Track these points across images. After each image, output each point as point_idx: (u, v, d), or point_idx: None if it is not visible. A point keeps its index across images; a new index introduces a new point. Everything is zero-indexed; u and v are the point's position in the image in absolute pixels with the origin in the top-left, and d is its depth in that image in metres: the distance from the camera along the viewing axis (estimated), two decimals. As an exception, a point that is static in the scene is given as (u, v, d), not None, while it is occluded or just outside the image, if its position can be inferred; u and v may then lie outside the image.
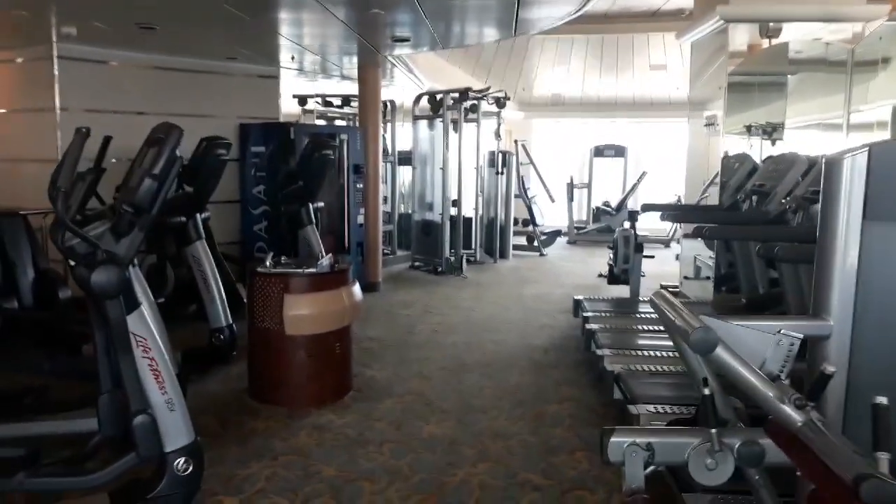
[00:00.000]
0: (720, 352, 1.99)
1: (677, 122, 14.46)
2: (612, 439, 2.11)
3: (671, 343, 2.51)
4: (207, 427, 4.27)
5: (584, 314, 6.08)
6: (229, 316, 5.44)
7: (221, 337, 5.41)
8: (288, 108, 10.95)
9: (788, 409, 1.84)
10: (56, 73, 6.67)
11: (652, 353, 4.95)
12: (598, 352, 4.93)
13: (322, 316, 4.64)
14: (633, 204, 13.69)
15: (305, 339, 4.65)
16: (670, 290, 8.73)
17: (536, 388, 5.09)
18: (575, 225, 13.64)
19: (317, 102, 11.14)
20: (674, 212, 6.32)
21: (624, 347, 5.08)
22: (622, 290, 7.80)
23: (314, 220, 6.58)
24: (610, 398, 4.40)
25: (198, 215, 5.36)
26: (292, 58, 7.71)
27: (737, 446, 2.04)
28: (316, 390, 4.73)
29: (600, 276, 9.78)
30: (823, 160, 2.28)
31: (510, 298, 8.29)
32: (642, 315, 6.28)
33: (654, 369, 4.56)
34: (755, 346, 2.10)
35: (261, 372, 4.79)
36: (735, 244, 7.05)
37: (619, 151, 14.43)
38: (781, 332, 2.10)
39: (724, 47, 7.04)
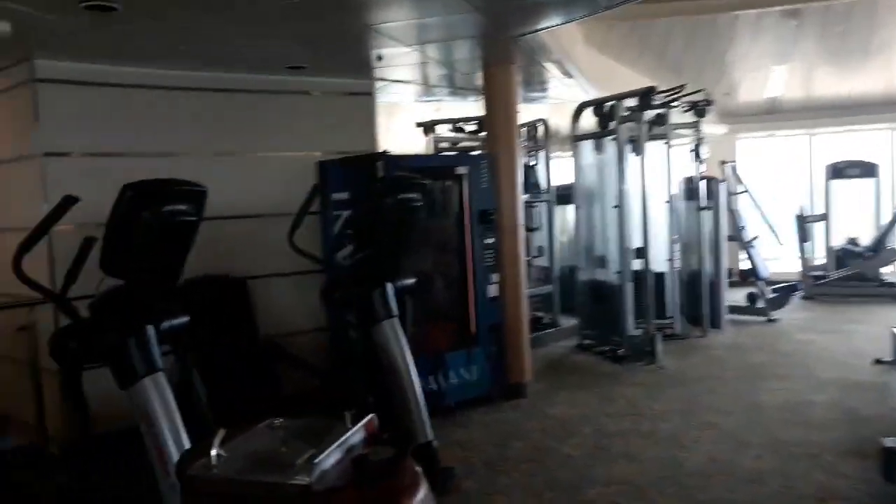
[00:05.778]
0: None
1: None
2: None
3: None
4: None
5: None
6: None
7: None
8: (412, 141, 8.58)
9: None
10: (38, 103, 4.58)
11: None
12: None
13: None
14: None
15: None
16: None
17: None
18: (811, 272, 9.90)
19: (450, 130, 8.61)
20: None
21: None
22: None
23: (395, 311, 3.87)
24: None
25: (149, 329, 2.84)
26: (379, 58, 5.16)
27: None
28: None
29: (878, 362, 6.21)
30: None
31: (741, 415, 5.03)
32: None
33: None
34: None
35: None
36: None
37: (868, 170, 10.48)
38: None
39: None
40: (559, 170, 8.70)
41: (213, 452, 2.08)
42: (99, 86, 4.79)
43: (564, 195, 8.30)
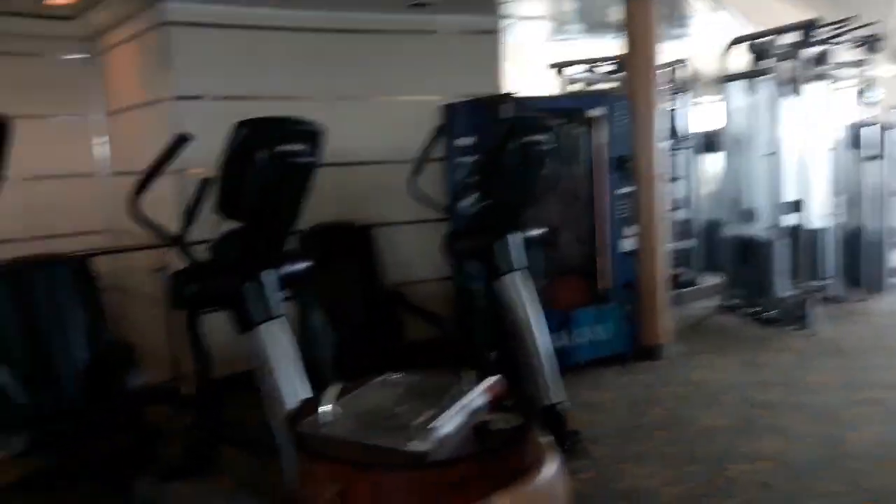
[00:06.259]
0: None
1: None
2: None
3: None
4: None
5: None
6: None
7: None
8: (543, 84, 8.15)
9: None
10: (170, 46, 4.60)
11: None
12: None
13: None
14: None
15: None
16: None
17: None
18: None
19: (583, 71, 8.09)
20: None
21: None
22: None
23: (522, 262, 3.61)
24: None
25: (268, 274, 2.74)
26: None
27: None
28: None
29: None
30: None
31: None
32: None
33: None
34: None
35: None
36: None
37: None
38: None
39: None
40: (702, 115, 8.00)
41: (324, 409, 1.94)
42: (228, 28, 4.76)
43: (708, 143, 7.64)
